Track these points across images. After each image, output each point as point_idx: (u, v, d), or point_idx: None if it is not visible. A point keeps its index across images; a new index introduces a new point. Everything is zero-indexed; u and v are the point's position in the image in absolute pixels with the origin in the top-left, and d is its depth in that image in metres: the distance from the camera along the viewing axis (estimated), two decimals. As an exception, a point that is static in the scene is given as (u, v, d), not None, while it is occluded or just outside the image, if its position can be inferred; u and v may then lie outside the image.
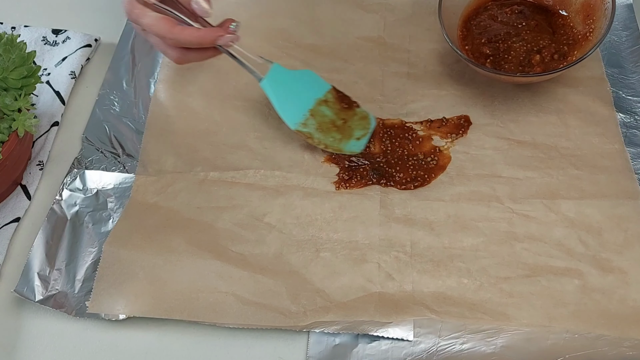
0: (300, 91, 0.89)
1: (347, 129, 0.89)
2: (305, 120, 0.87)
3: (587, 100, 0.92)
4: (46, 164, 0.91)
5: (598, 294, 0.76)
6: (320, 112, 0.89)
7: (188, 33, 0.78)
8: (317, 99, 0.89)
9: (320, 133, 0.88)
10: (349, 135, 0.89)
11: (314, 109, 0.88)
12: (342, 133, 0.89)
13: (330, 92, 0.90)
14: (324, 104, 0.89)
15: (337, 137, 0.89)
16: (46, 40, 1.02)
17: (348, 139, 0.89)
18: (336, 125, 0.89)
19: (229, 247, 0.81)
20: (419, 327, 0.75)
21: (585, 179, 0.85)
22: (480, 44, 0.94)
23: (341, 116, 0.90)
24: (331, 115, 0.89)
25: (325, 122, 0.88)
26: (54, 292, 0.78)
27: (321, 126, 0.88)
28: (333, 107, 0.90)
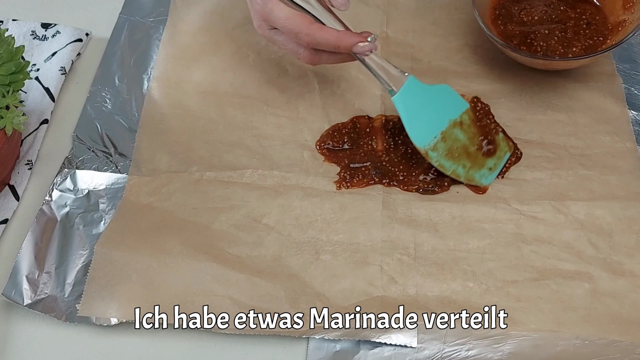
0: (434, 110, 0.85)
1: (479, 157, 0.86)
2: (436, 144, 0.84)
3: (597, 97, 0.93)
4: (35, 164, 0.91)
5: (609, 298, 0.76)
6: (453, 136, 0.85)
7: (327, 32, 0.79)
8: (451, 120, 0.86)
9: (449, 159, 0.85)
10: (480, 164, 0.86)
11: (446, 130, 0.85)
12: (472, 161, 0.86)
13: (466, 113, 0.86)
14: (458, 127, 0.86)
15: (467, 165, 0.86)
16: (35, 35, 1.03)
17: (479, 168, 0.86)
18: (467, 152, 0.86)
19: (225, 249, 0.82)
20: (422, 333, 0.75)
21: (596, 180, 0.85)
22: (509, 30, 0.95)
23: (475, 142, 0.86)
24: (464, 140, 0.86)
25: (456, 147, 0.85)
26: (43, 296, 0.78)
27: (451, 152, 0.85)
28: (467, 130, 0.86)
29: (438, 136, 0.85)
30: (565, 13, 0.95)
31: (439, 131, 0.85)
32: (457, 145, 0.86)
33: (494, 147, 0.87)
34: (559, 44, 0.91)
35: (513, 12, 0.96)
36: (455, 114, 0.86)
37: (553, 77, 0.95)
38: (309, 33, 0.78)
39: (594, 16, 0.94)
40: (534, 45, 0.92)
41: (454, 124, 0.86)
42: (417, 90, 0.84)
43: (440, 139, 0.85)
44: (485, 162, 0.87)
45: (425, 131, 0.84)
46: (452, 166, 0.85)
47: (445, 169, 0.85)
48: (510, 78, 0.95)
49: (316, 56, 0.82)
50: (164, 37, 1.03)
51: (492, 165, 0.87)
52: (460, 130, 0.86)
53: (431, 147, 0.84)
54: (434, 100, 0.85)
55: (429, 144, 0.84)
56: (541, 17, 0.95)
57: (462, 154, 0.86)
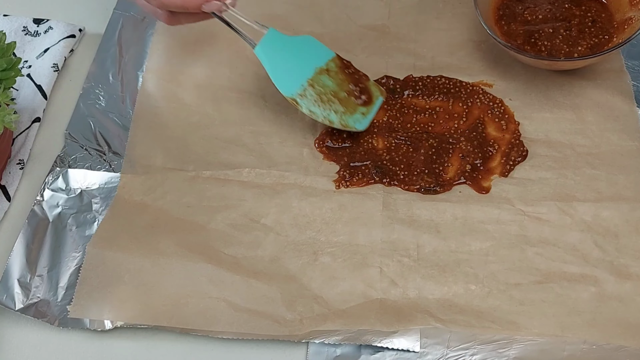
0: (299, 59, 0.88)
1: (350, 102, 0.89)
2: (304, 91, 0.87)
3: (605, 94, 0.93)
4: (27, 163, 0.92)
5: (615, 302, 0.77)
6: (321, 82, 0.88)
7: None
8: (317, 67, 0.89)
9: (319, 106, 0.87)
10: (352, 109, 0.89)
11: (313, 77, 0.88)
12: (345, 106, 0.88)
13: (333, 61, 0.90)
14: (325, 73, 0.89)
15: (340, 110, 0.88)
16: (27, 31, 1.03)
17: (352, 114, 0.88)
18: (339, 97, 0.88)
19: (220, 250, 0.82)
20: (425, 338, 0.75)
21: (603, 180, 0.86)
22: (513, 30, 0.95)
23: (344, 87, 0.89)
24: (333, 85, 0.89)
25: (326, 93, 0.88)
26: (35, 300, 0.79)
27: (321, 98, 0.87)
28: (335, 77, 0.89)
29: (305, 84, 0.88)
30: (570, 11, 0.95)
31: (306, 79, 0.88)
32: (326, 90, 0.88)
33: (367, 94, 0.90)
34: (564, 42, 0.92)
35: (517, 11, 0.96)
36: (321, 61, 0.90)
37: (559, 74, 0.95)
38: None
39: (599, 14, 0.94)
40: (538, 44, 0.92)
41: (320, 70, 0.89)
42: (279, 41, 0.87)
43: (307, 86, 0.87)
44: (357, 108, 0.89)
45: (291, 80, 0.88)
46: (323, 112, 0.88)
47: (317, 115, 0.88)
48: (516, 75, 0.95)
49: (174, 18, 0.84)
50: (158, 27, 1.03)
51: (365, 110, 0.89)
52: (327, 77, 0.89)
53: (299, 94, 0.87)
54: (298, 50, 0.89)
55: (297, 92, 0.87)
56: (545, 16, 0.95)
57: (333, 99, 0.88)
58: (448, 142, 0.90)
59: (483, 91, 0.94)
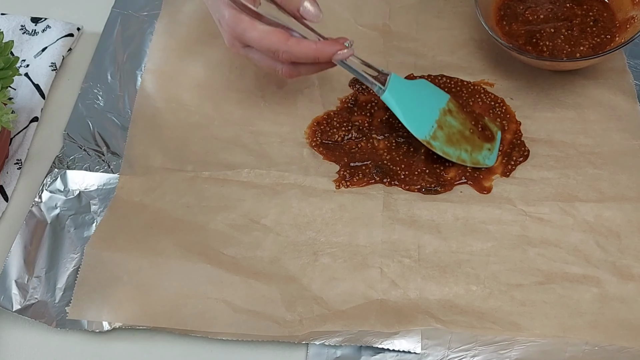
0: (423, 101, 0.88)
1: (476, 140, 0.89)
2: (434, 133, 0.87)
3: (608, 93, 0.93)
4: (25, 163, 0.92)
5: (617, 303, 0.77)
6: (447, 123, 0.88)
7: (305, 46, 0.79)
8: (441, 108, 0.88)
9: (451, 146, 0.87)
10: (479, 147, 0.89)
11: (440, 119, 0.88)
12: (471, 144, 0.88)
13: (451, 102, 0.90)
14: (448, 114, 0.89)
15: (469, 149, 0.88)
16: (25, 30, 1.03)
17: (479, 151, 0.89)
18: (464, 136, 0.88)
19: (220, 250, 0.82)
20: (426, 339, 0.76)
21: (605, 180, 0.86)
22: (514, 30, 0.95)
23: (467, 126, 0.89)
24: (457, 125, 0.89)
25: (453, 133, 0.88)
26: (33, 302, 0.79)
27: (450, 138, 0.87)
28: (458, 116, 0.89)
29: (435, 125, 0.87)
30: (572, 10, 0.95)
31: (434, 120, 0.87)
32: (454, 131, 0.88)
33: (488, 130, 0.90)
34: (566, 42, 0.92)
35: (518, 11, 0.96)
36: (442, 103, 0.89)
37: (561, 73, 0.95)
38: (287, 50, 0.79)
39: (601, 13, 0.94)
40: (540, 44, 0.92)
41: (444, 112, 0.88)
42: (402, 85, 0.86)
43: (437, 128, 0.87)
44: (483, 144, 0.89)
45: (421, 122, 0.87)
46: (455, 152, 0.87)
47: (450, 155, 0.87)
48: (517, 74, 0.96)
49: (295, 70, 0.83)
50: (158, 27, 1.03)
51: (490, 146, 0.89)
52: (451, 118, 0.89)
53: (432, 136, 0.86)
54: (419, 93, 0.88)
55: (429, 134, 0.86)
56: (547, 16, 0.95)
57: (461, 139, 0.88)
58: None
59: (484, 90, 0.94)
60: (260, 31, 0.79)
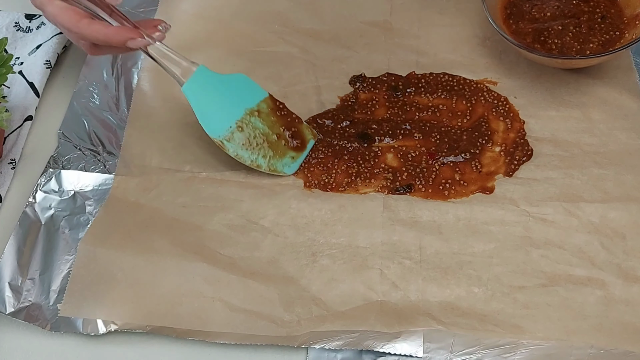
0: (229, 99, 0.87)
1: (280, 146, 0.88)
2: (231, 134, 0.86)
3: (613, 92, 0.93)
4: (19, 163, 0.92)
5: (622, 306, 0.77)
6: (251, 125, 0.87)
7: (95, 29, 0.79)
8: (248, 108, 0.88)
9: (247, 150, 0.87)
10: (282, 153, 0.88)
11: (243, 119, 0.87)
12: (274, 150, 0.88)
13: (265, 102, 0.89)
14: (255, 115, 0.88)
15: (269, 154, 0.88)
16: (19, 26, 1.04)
17: (281, 157, 0.88)
18: (269, 140, 0.88)
19: (217, 250, 0.83)
20: (428, 342, 0.76)
21: (610, 180, 0.86)
22: (521, 28, 0.95)
23: (275, 130, 0.89)
24: (263, 128, 0.88)
25: (255, 136, 0.87)
26: (26, 304, 0.79)
27: (249, 141, 0.87)
28: (267, 119, 0.88)
29: (233, 126, 0.87)
30: (578, 7, 0.95)
31: (234, 120, 0.87)
32: (256, 133, 0.88)
33: (299, 138, 0.90)
34: (574, 40, 0.92)
35: (524, 9, 0.96)
36: (252, 102, 0.89)
37: (566, 71, 0.95)
38: (77, 31, 0.80)
39: (608, 9, 0.94)
40: (548, 42, 0.92)
41: (252, 112, 0.88)
42: (209, 79, 0.86)
43: (235, 129, 0.87)
44: (286, 152, 0.88)
45: (219, 121, 0.86)
46: (250, 157, 0.87)
47: (244, 159, 0.87)
48: (521, 72, 0.96)
49: (95, 48, 0.84)
50: (155, 25, 1.03)
51: (294, 154, 0.89)
52: (258, 119, 0.88)
53: (227, 137, 0.86)
54: (228, 89, 0.87)
55: (224, 135, 0.86)
56: (553, 13, 0.95)
57: (263, 143, 0.88)
58: (452, 140, 0.90)
59: (487, 89, 0.94)
60: (55, 7, 0.80)
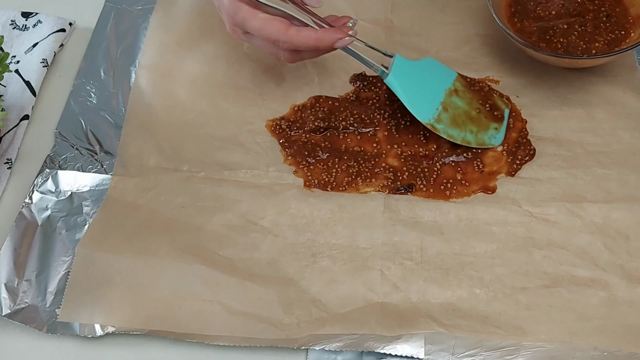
0: (428, 83, 0.90)
1: (482, 120, 0.90)
2: (439, 115, 0.88)
3: (617, 91, 0.93)
4: (15, 163, 0.92)
5: (626, 307, 0.77)
6: (453, 104, 0.90)
7: (305, 35, 0.80)
8: (446, 89, 0.90)
9: (455, 128, 0.89)
10: (485, 127, 0.90)
11: (445, 100, 0.89)
12: (477, 125, 0.90)
13: (457, 80, 0.92)
14: (454, 94, 0.90)
15: (474, 130, 0.89)
16: (15, 25, 1.04)
17: (486, 131, 0.90)
18: (470, 117, 0.90)
19: (216, 251, 0.83)
20: (430, 344, 0.76)
21: (614, 180, 0.86)
22: (526, 27, 0.95)
23: (474, 106, 0.91)
24: (464, 106, 0.90)
25: (459, 114, 0.89)
26: (23, 306, 0.79)
27: (455, 120, 0.89)
28: (464, 96, 0.91)
29: (439, 107, 0.89)
30: (583, 5, 0.95)
31: (439, 102, 0.89)
32: (459, 112, 0.90)
33: (497, 110, 0.91)
34: (580, 39, 0.92)
35: (529, 7, 0.96)
36: (448, 82, 0.91)
37: (569, 70, 0.95)
38: (287, 40, 0.80)
39: (613, 8, 0.95)
40: (554, 41, 0.93)
41: (450, 92, 0.90)
42: (406, 67, 0.88)
43: (441, 110, 0.89)
44: (489, 124, 0.90)
45: (425, 105, 0.88)
46: (460, 134, 0.89)
47: (455, 138, 0.89)
48: (523, 71, 0.96)
49: (297, 55, 0.85)
50: (152, 22, 1.04)
51: (497, 125, 0.91)
52: (457, 98, 0.90)
53: (435, 119, 0.88)
54: (424, 74, 0.90)
55: (433, 117, 0.88)
56: (558, 12, 0.95)
57: (466, 120, 0.90)
58: None
59: (489, 87, 0.94)
60: (260, 20, 0.80)
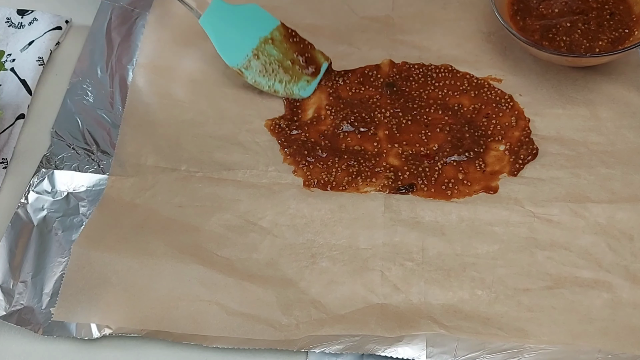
0: (243, 29, 0.93)
1: (295, 71, 0.93)
2: (248, 62, 0.92)
3: (621, 89, 0.93)
4: (10, 162, 0.92)
5: (630, 309, 0.77)
6: (266, 52, 0.93)
7: None
8: (262, 37, 0.93)
9: (264, 76, 0.93)
10: (298, 78, 0.94)
11: (258, 47, 0.93)
12: (290, 75, 0.93)
13: (277, 30, 0.94)
14: (269, 43, 0.93)
15: (285, 79, 0.93)
16: (10, 22, 1.04)
17: (297, 82, 0.93)
18: (283, 66, 0.93)
19: (214, 252, 0.83)
20: (431, 346, 0.76)
21: (618, 180, 0.86)
22: (528, 25, 0.95)
23: (289, 56, 0.94)
24: (277, 55, 0.93)
25: (270, 62, 0.93)
26: (18, 307, 0.79)
27: (265, 68, 0.92)
28: (280, 46, 0.94)
29: (250, 54, 0.93)
30: (587, 3, 0.95)
31: (250, 49, 0.93)
32: (271, 60, 0.93)
33: (314, 63, 0.96)
34: (583, 37, 0.92)
35: (531, 5, 0.96)
36: (266, 31, 0.94)
37: (572, 68, 0.95)
38: None
39: (617, 6, 0.95)
40: (557, 40, 0.93)
41: (265, 40, 0.94)
42: (224, 11, 0.92)
43: (252, 57, 0.92)
44: (301, 76, 0.94)
45: (236, 50, 0.93)
46: (267, 82, 0.94)
47: (262, 85, 0.95)
48: (526, 69, 0.96)
49: None
50: (150, 19, 1.04)
51: (309, 78, 0.94)
52: (272, 47, 0.94)
53: (244, 65, 0.92)
54: (242, 19, 0.94)
55: (242, 63, 0.92)
56: (561, 9, 0.95)
57: (278, 69, 0.93)
58: (455, 138, 0.90)
59: (489, 86, 0.94)
60: None
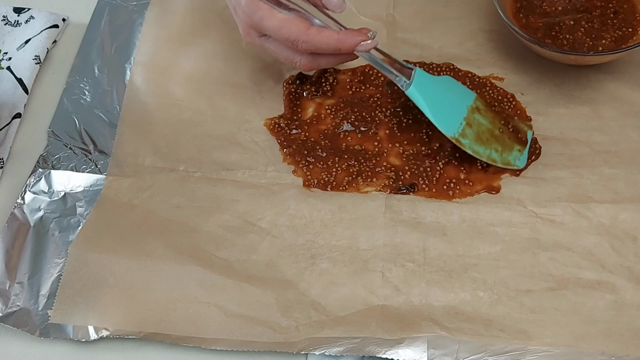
0: (450, 98, 0.89)
1: (506, 140, 0.89)
2: (463, 130, 0.87)
3: (624, 88, 0.93)
4: (7, 162, 0.92)
5: (633, 310, 0.77)
6: (476, 121, 0.88)
7: (326, 35, 0.80)
8: (469, 105, 0.89)
9: (481, 145, 0.88)
10: (509, 147, 0.89)
11: (468, 116, 0.88)
12: (501, 144, 0.89)
13: (478, 100, 0.90)
14: (477, 112, 0.89)
15: (499, 149, 0.88)
16: (7, 20, 1.04)
17: (510, 151, 0.89)
18: (494, 135, 0.89)
19: (212, 253, 0.83)
20: (433, 348, 0.76)
21: (621, 180, 0.86)
22: (531, 23, 0.95)
23: (497, 126, 0.89)
24: (487, 124, 0.89)
25: (482, 131, 0.88)
26: (14, 309, 0.79)
27: (479, 137, 0.88)
28: (487, 115, 0.89)
29: (463, 123, 0.87)
30: (590, 2, 0.95)
31: (462, 117, 0.87)
32: (483, 129, 0.88)
33: (520, 132, 0.90)
34: (587, 35, 0.92)
35: (535, 3, 0.97)
36: (470, 100, 0.89)
37: (575, 67, 0.95)
38: (307, 40, 0.79)
39: (621, 5, 0.95)
40: (560, 38, 0.93)
41: (472, 109, 0.88)
42: (427, 80, 0.87)
43: (465, 125, 0.87)
44: (513, 145, 0.89)
45: (449, 119, 0.87)
46: (485, 151, 0.87)
47: (481, 154, 0.87)
48: (529, 68, 0.96)
49: (314, 61, 0.84)
50: (148, 17, 1.04)
51: (520, 147, 0.89)
52: (480, 116, 0.89)
53: (460, 133, 0.87)
54: (445, 89, 0.88)
55: (458, 131, 0.86)
56: (565, 7, 0.95)
57: (490, 138, 0.88)
58: None
59: (491, 84, 0.95)
60: (279, 19, 0.79)
